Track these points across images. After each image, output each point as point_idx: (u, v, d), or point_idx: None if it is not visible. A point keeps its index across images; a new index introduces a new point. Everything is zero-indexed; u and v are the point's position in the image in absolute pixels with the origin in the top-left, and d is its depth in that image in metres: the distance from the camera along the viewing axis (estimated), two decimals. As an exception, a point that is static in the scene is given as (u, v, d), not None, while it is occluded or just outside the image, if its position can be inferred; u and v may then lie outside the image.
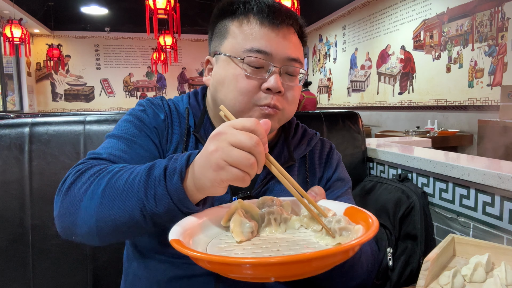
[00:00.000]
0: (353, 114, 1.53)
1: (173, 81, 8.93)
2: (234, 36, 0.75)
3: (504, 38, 3.56)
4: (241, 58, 0.73)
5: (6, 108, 6.81)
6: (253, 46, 0.73)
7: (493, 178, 1.01)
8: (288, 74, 0.77)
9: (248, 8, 0.75)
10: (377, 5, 5.68)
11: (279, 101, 0.75)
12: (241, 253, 0.52)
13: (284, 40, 0.74)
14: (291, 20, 0.76)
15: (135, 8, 6.16)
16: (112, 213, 0.58)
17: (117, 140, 0.74)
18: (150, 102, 0.83)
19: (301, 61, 0.78)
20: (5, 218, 1.04)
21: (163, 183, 0.56)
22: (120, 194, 0.58)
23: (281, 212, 0.61)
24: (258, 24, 0.74)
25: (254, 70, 0.73)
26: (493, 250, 0.69)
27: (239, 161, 0.51)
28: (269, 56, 0.73)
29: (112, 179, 0.60)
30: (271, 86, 0.72)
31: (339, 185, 0.88)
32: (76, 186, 0.63)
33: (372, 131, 5.42)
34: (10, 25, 5.25)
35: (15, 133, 1.07)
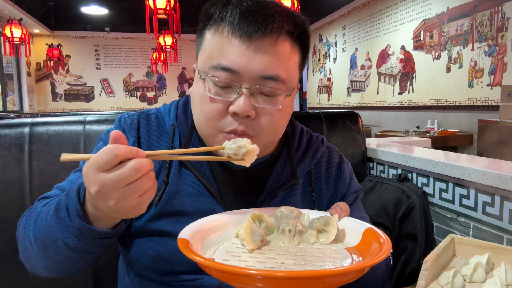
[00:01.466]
0: (353, 114, 1.53)
1: (173, 81, 8.93)
2: (205, 47, 0.66)
3: (504, 38, 3.56)
4: (203, 77, 0.64)
5: (6, 108, 6.81)
6: (219, 62, 0.62)
7: (493, 178, 1.01)
8: (264, 95, 0.64)
9: (221, 14, 0.64)
10: (377, 5, 5.68)
11: (250, 127, 0.64)
12: (246, 260, 0.51)
13: (258, 54, 0.61)
14: (275, 24, 0.62)
15: (135, 8, 6.16)
16: (50, 255, 0.60)
17: (79, 174, 0.72)
18: (125, 122, 0.75)
19: (283, 79, 0.63)
20: (5, 218, 1.04)
21: (70, 223, 0.56)
22: (46, 238, 0.59)
23: (297, 223, 0.59)
24: (228, 34, 0.62)
25: (220, 90, 0.63)
26: (493, 250, 0.69)
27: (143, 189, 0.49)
28: (237, 75, 0.62)
29: (36, 223, 0.62)
30: (237, 110, 0.62)
31: (351, 198, 0.82)
32: (19, 232, 0.66)
33: (372, 131, 5.42)
34: (10, 25, 5.25)
35: (15, 133, 1.07)
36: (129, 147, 0.49)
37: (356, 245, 0.58)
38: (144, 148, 0.72)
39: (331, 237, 0.58)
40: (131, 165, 0.48)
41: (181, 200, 0.70)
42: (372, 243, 0.55)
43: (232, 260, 0.51)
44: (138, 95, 8.78)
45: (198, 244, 0.53)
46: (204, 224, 0.58)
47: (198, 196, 0.70)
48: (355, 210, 0.81)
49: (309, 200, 0.78)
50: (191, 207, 0.70)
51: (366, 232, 0.58)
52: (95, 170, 0.48)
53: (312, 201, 0.78)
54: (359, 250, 0.56)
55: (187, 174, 0.71)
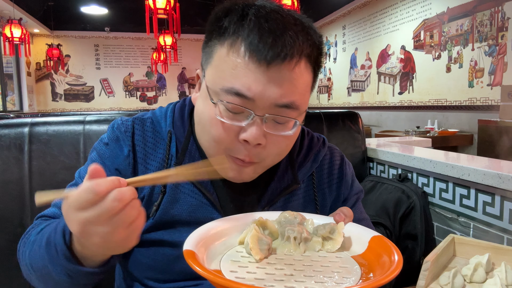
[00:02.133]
0: (353, 114, 1.53)
1: (173, 81, 8.93)
2: (217, 63, 0.61)
3: (504, 38, 3.56)
4: (215, 102, 0.60)
5: (6, 108, 6.80)
6: (233, 86, 0.58)
7: (493, 178, 1.01)
8: (275, 122, 0.62)
9: (237, 30, 0.59)
10: (377, 5, 5.68)
11: (257, 155, 0.62)
12: (254, 272, 0.50)
13: (275, 83, 0.58)
14: (295, 49, 0.57)
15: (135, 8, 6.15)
16: (50, 283, 0.61)
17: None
18: (118, 129, 0.71)
19: (297, 105, 0.61)
20: (5, 218, 1.04)
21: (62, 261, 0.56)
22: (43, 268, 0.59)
23: (302, 231, 0.58)
24: (245, 56, 0.58)
25: (232, 114, 0.60)
26: (493, 250, 0.69)
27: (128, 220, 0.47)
28: (251, 101, 0.58)
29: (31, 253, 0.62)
30: (249, 139, 0.59)
31: (353, 200, 0.81)
32: (20, 254, 0.67)
33: (372, 131, 5.42)
34: (10, 25, 5.25)
35: (15, 133, 1.07)
36: (109, 179, 0.47)
37: (362, 253, 0.57)
38: (140, 156, 0.70)
39: (337, 246, 0.57)
40: (112, 197, 0.45)
41: (180, 209, 0.68)
42: (380, 253, 0.54)
43: (240, 272, 0.50)
44: (138, 95, 8.78)
45: (203, 254, 0.52)
46: (206, 231, 0.57)
47: (197, 205, 0.69)
48: (356, 211, 0.80)
49: (311, 204, 0.77)
50: (190, 217, 0.68)
51: (373, 240, 0.57)
52: (74, 209, 0.47)
53: (315, 205, 0.77)
54: (365, 259, 0.55)
55: (185, 183, 0.70)
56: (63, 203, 0.49)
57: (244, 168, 0.64)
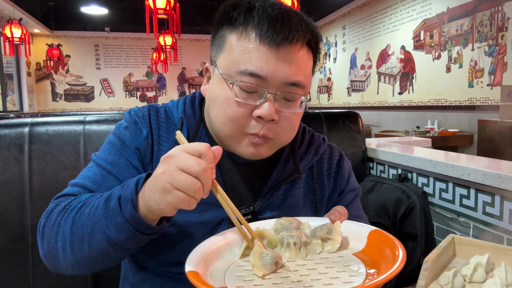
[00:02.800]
0: (353, 114, 1.53)
1: (173, 81, 8.93)
2: (230, 50, 0.67)
3: (504, 38, 3.56)
4: (232, 82, 0.66)
5: (6, 108, 6.80)
6: (247, 68, 0.64)
7: (493, 178, 1.01)
8: (285, 99, 0.68)
9: (247, 19, 0.66)
10: (377, 5, 5.68)
11: (271, 130, 0.68)
12: (261, 284, 0.49)
13: (284, 62, 0.65)
14: (299, 34, 0.65)
15: (135, 8, 6.16)
16: (84, 250, 0.60)
17: (96, 169, 0.73)
18: (136, 114, 0.77)
19: (304, 84, 0.68)
20: (5, 218, 1.04)
21: (119, 213, 0.57)
22: (85, 230, 0.60)
23: (300, 235, 0.58)
24: (256, 41, 0.64)
25: (246, 94, 0.66)
26: (493, 250, 0.69)
27: (185, 185, 0.52)
28: (264, 80, 0.65)
29: (76, 217, 0.62)
30: (263, 114, 0.65)
31: (349, 197, 0.85)
32: (47, 228, 0.65)
33: (372, 131, 5.42)
34: (10, 25, 5.25)
35: (15, 133, 1.07)
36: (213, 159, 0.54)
37: (363, 249, 0.57)
38: (155, 139, 0.75)
39: (337, 245, 0.57)
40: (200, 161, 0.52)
41: None
42: (381, 247, 0.54)
43: (246, 286, 0.49)
44: (138, 95, 8.78)
45: (206, 273, 0.51)
46: (205, 250, 0.56)
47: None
48: (353, 209, 0.83)
49: (311, 194, 0.81)
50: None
51: (371, 234, 0.58)
52: (181, 148, 0.53)
53: (314, 195, 0.81)
54: (367, 254, 0.55)
55: None
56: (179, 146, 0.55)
57: (261, 145, 0.69)
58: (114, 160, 0.73)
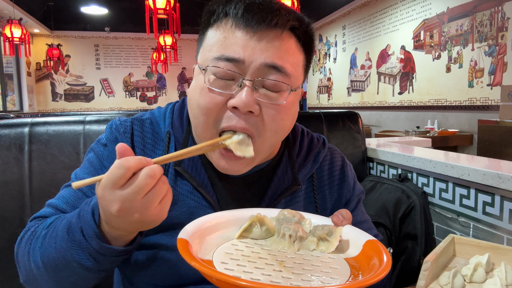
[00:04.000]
0: (353, 114, 1.53)
1: (173, 81, 8.93)
2: (207, 42, 0.63)
3: (504, 38, 3.56)
4: (204, 68, 0.61)
5: (6, 108, 6.80)
6: (222, 53, 0.59)
7: (493, 178, 1.01)
8: (268, 90, 0.61)
9: (225, 9, 0.62)
10: (377, 5, 5.68)
11: (251, 123, 0.60)
12: (244, 265, 0.50)
13: (263, 45, 0.59)
14: (280, 18, 0.59)
15: (135, 8, 6.16)
16: (63, 277, 0.59)
17: (71, 189, 0.70)
18: (117, 130, 0.71)
19: (287, 72, 0.60)
20: (5, 218, 1.04)
21: (87, 245, 0.55)
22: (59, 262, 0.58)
23: (298, 229, 0.58)
24: (232, 27, 0.60)
25: (222, 82, 0.59)
26: (493, 250, 0.69)
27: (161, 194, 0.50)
28: (240, 64, 0.59)
29: (42, 247, 0.60)
30: (237, 104, 0.58)
31: (354, 202, 0.80)
32: (20, 256, 0.64)
33: (372, 131, 5.42)
34: (10, 25, 5.24)
35: (15, 133, 1.07)
36: (138, 158, 0.49)
37: (356, 256, 0.57)
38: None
39: (331, 249, 0.57)
40: (145, 174, 0.48)
41: (178, 211, 0.67)
42: (371, 257, 0.54)
43: (230, 264, 0.50)
44: (138, 95, 8.78)
45: (197, 245, 0.53)
46: (204, 222, 0.58)
47: (196, 207, 0.67)
48: (358, 213, 0.80)
49: (312, 206, 0.76)
50: (189, 219, 0.64)
51: (367, 244, 0.57)
52: (110, 188, 0.48)
53: (315, 207, 0.76)
54: (358, 262, 0.55)
55: (183, 184, 0.69)
56: (97, 186, 0.50)
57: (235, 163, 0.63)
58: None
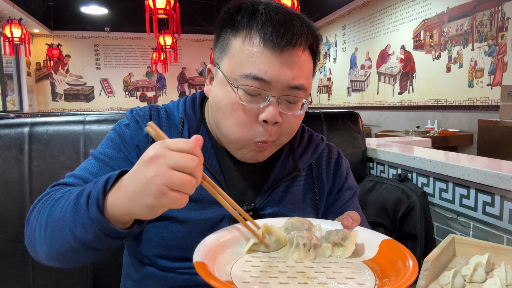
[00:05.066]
0: (353, 114, 1.53)
1: (173, 81, 8.93)
2: (234, 54, 0.68)
3: (504, 38, 3.56)
4: (236, 86, 0.66)
5: (6, 108, 6.80)
6: (251, 71, 0.65)
7: (493, 178, 1.01)
8: (288, 102, 0.70)
9: (251, 23, 0.67)
10: (377, 5, 5.68)
11: (275, 133, 0.70)
12: (267, 282, 0.49)
13: (288, 66, 0.66)
14: (302, 37, 0.66)
15: (135, 8, 6.16)
16: (54, 243, 0.59)
17: (93, 161, 0.73)
18: (137, 114, 0.78)
19: (305, 87, 0.70)
20: (5, 218, 1.04)
21: (86, 211, 0.55)
22: (56, 224, 0.59)
23: (311, 237, 0.58)
24: (260, 45, 0.65)
25: (250, 97, 0.67)
26: (493, 250, 0.69)
27: (182, 184, 0.50)
28: (268, 84, 0.66)
29: (52, 208, 0.61)
30: (268, 118, 0.67)
31: (347, 194, 0.86)
32: (32, 215, 0.65)
33: (372, 131, 5.42)
34: (10, 25, 5.24)
35: (15, 133, 1.07)
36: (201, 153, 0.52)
37: (373, 257, 0.56)
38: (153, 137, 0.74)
39: (348, 254, 0.57)
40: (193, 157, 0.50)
41: None
42: (394, 259, 0.53)
43: (252, 283, 0.49)
44: (138, 95, 8.78)
45: (213, 265, 0.51)
46: (214, 241, 0.56)
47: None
48: (352, 207, 0.86)
49: (311, 191, 0.83)
50: (199, 195, 0.72)
51: (383, 243, 0.57)
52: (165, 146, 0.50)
53: (314, 192, 0.83)
54: (377, 263, 0.55)
55: None
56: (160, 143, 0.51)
57: (263, 151, 0.71)
58: (112, 154, 0.73)
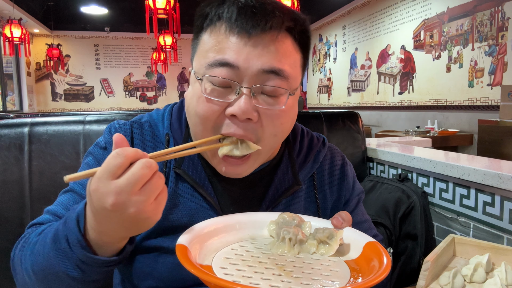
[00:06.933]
0: (353, 114, 1.53)
1: (173, 81, 8.93)
2: (202, 47, 0.62)
3: (504, 38, 3.56)
4: (200, 78, 0.60)
5: (6, 108, 6.80)
6: (216, 59, 0.58)
7: (493, 178, 1.01)
8: (266, 95, 0.60)
9: (218, 12, 0.60)
10: (377, 4, 5.68)
11: (251, 130, 0.60)
12: (243, 269, 0.50)
13: (256, 49, 0.57)
14: (274, 20, 0.58)
15: (135, 8, 6.15)
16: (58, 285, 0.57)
17: (69, 195, 0.69)
18: (116, 132, 0.69)
19: (286, 74, 0.59)
20: (5, 218, 1.04)
21: (72, 254, 0.52)
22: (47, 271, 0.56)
23: (298, 232, 0.58)
24: (226, 32, 0.59)
25: (219, 90, 0.59)
26: (493, 250, 0.69)
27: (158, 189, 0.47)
28: (236, 71, 0.57)
29: (32, 255, 0.58)
30: (235, 112, 0.57)
31: (354, 202, 0.80)
32: (15, 263, 0.63)
33: (372, 131, 5.42)
34: (10, 25, 5.24)
35: (15, 133, 1.07)
36: (134, 149, 0.47)
37: (356, 258, 0.57)
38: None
39: (331, 252, 0.57)
40: (141, 164, 0.45)
41: (179, 214, 0.67)
42: (371, 258, 0.54)
43: (229, 269, 0.50)
44: (138, 95, 8.78)
45: (197, 250, 0.52)
46: (203, 228, 0.57)
47: (197, 209, 0.67)
48: (357, 213, 0.80)
49: (313, 206, 0.75)
50: (190, 222, 0.65)
51: (367, 245, 0.57)
52: (106, 179, 0.45)
53: (316, 207, 0.75)
54: (358, 264, 0.55)
55: (184, 187, 0.68)
56: (91, 180, 0.47)
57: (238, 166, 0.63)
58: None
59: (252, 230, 0.62)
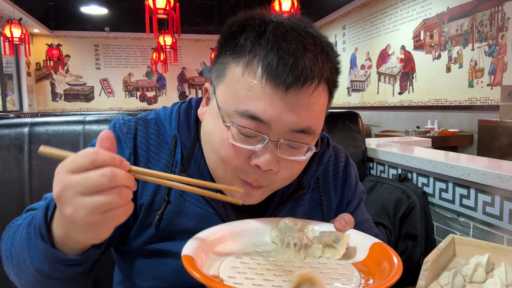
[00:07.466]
0: (353, 114, 1.53)
1: (173, 81, 8.93)
2: (231, 82, 0.57)
3: (504, 38, 3.56)
4: (228, 125, 0.57)
5: (6, 108, 6.80)
6: (248, 108, 0.54)
7: (493, 178, 1.01)
8: (290, 146, 0.59)
9: (254, 48, 0.55)
10: (377, 5, 5.68)
11: (267, 179, 0.60)
12: (252, 277, 0.50)
13: (292, 108, 0.54)
14: (315, 73, 0.54)
15: (135, 8, 6.15)
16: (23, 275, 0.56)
17: None
18: (120, 130, 0.67)
19: (313, 130, 0.58)
20: (5, 218, 1.04)
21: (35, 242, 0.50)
22: (19, 255, 0.54)
23: (302, 237, 0.58)
24: (262, 78, 0.54)
25: (244, 138, 0.57)
26: (493, 250, 0.68)
27: (109, 204, 0.42)
28: (266, 126, 0.55)
29: (13, 238, 0.57)
30: (261, 164, 0.57)
31: (355, 203, 0.80)
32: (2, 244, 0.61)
33: (372, 131, 5.42)
34: (10, 25, 5.24)
35: (15, 133, 1.07)
36: (112, 155, 0.44)
37: (363, 260, 0.57)
38: (142, 160, 0.66)
39: (338, 256, 0.57)
40: (103, 172, 0.42)
41: (184, 219, 0.66)
42: (381, 261, 0.54)
43: (238, 278, 0.49)
44: (138, 95, 8.78)
45: (202, 260, 0.51)
46: (207, 236, 0.56)
47: (202, 215, 0.67)
48: (359, 213, 0.80)
49: (318, 209, 0.75)
50: (195, 227, 0.64)
51: (373, 247, 0.57)
52: (65, 171, 0.43)
53: (321, 210, 0.75)
54: (366, 266, 0.55)
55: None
56: (60, 164, 0.45)
57: (252, 191, 0.62)
58: None
59: (253, 238, 0.62)
